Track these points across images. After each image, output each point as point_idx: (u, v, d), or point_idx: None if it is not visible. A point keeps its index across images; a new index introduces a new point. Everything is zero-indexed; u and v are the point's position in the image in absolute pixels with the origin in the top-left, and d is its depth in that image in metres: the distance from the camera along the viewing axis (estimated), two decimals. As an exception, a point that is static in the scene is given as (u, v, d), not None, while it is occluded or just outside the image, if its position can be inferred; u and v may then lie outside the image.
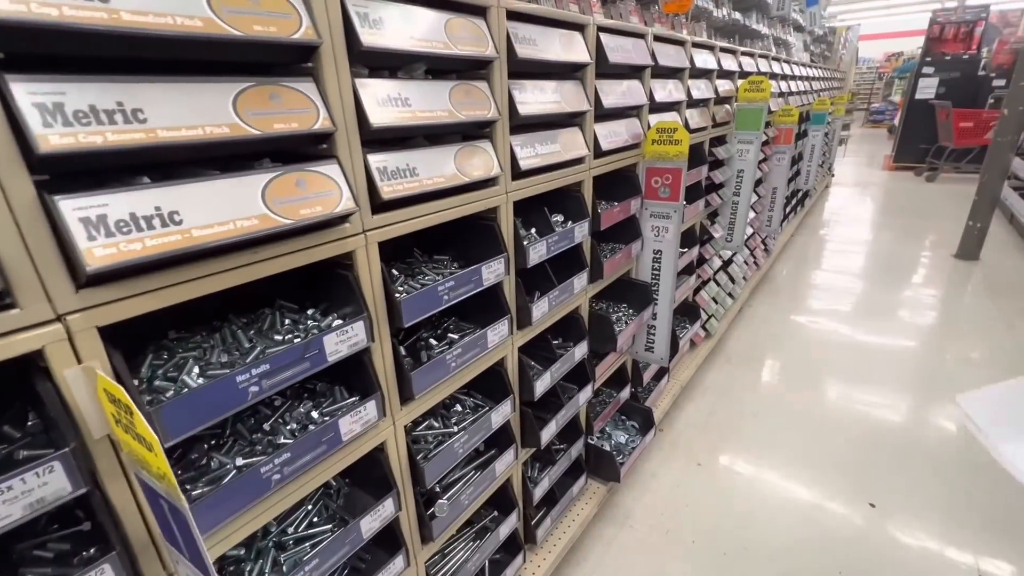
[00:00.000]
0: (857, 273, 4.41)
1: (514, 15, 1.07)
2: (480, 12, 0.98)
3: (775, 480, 2.14)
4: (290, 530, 0.95)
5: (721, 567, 1.76)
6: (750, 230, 3.51)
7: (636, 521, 1.96)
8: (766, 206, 3.63)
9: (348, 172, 0.75)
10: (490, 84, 1.03)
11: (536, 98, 1.19)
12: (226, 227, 0.61)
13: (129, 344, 0.72)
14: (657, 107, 1.82)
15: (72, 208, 0.51)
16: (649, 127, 1.71)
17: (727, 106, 2.56)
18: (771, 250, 4.36)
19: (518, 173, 1.16)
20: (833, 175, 8.11)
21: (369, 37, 0.74)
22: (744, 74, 2.65)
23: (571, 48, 1.26)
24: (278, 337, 0.80)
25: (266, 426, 0.85)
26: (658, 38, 1.74)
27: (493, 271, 1.12)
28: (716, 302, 3.05)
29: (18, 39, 0.51)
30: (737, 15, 3.09)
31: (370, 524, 0.98)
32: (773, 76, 3.40)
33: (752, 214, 3.53)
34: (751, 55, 2.85)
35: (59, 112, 0.49)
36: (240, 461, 0.75)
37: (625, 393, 2.07)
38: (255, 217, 0.63)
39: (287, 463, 0.78)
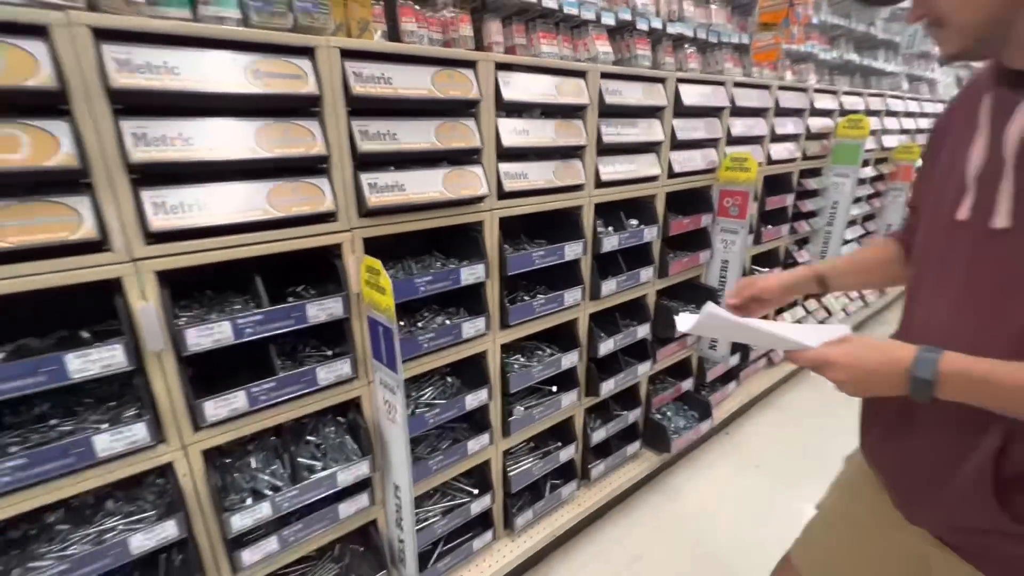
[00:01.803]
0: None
1: (607, 75, 1.57)
2: (582, 75, 1.50)
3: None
4: (425, 394, 1.53)
5: (754, 564, 1.99)
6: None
7: (683, 498, 2.25)
8: (878, 242, 3.59)
9: (488, 171, 1.31)
10: (584, 122, 1.55)
11: (620, 131, 1.67)
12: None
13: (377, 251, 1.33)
14: (736, 140, 2.17)
15: (365, 179, 1.11)
16: (726, 156, 2.06)
17: (824, 141, 2.74)
18: (885, 291, 4.19)
19: (600, 183, 1.65)
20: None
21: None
22: (847, 112, 2.81)
23: (651, 95, 1.72)
24: (438, 264, 1.38)
25: (420, 324, 1.43)
26: (739, 84, 2.09)
27: (573, 250, 1.61)
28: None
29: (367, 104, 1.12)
30: (853, 56, 3.22)
31: (471, 401, 1.50)
32: (893, 114, 3.41)
33: (856, 247, 3.54)
34: (858, 94, 2.98)
35: (365, 135, 1.10)
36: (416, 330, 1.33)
37: (687, 384, 2.38)
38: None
39: (433, 339, 1.34)
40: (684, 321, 0.89)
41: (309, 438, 1.33)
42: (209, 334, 0.99)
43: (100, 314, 1.10)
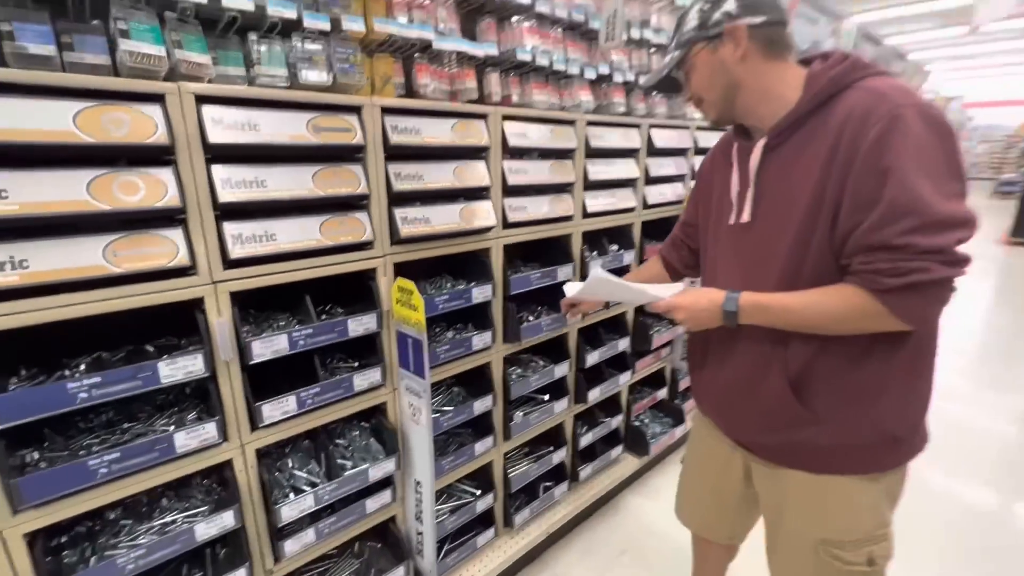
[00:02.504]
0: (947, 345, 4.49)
1: (592, 123, 1.84)
2: (571, 123, 1.77)
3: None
4: (436, 401, 1.71)
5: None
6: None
7: (662, 497, 2.47)
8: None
9: (495, 205, 1.53)
10: (574, 162, 1.81)
11: (603, 169, 1.93)
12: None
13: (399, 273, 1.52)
14: (699, 176, 2.48)
15: (398, 213, 1.32)
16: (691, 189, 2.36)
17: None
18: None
19: (586, 214, 1.90)
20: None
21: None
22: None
23: (628, 139, 2.00)
24: (449, 285, 1.59)
25: (436, 332, 1.62)
26: (700, 128, 2.42)
27: (564, 272, 1.85)
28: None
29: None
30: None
31: (478, 407, 1.69)
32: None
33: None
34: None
35: (398, 176, 1.31)
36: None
37: (662, 392, 2.63)
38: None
39: (448, 350, 1.54)
40: (571, 288, 1.15)
41: (338, 441, 1.49)
42: (270, 345, 1.16)
43: (158, 331, 1.25)
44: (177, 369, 1.04)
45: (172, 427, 1.13)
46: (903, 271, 0.78)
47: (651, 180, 2.19)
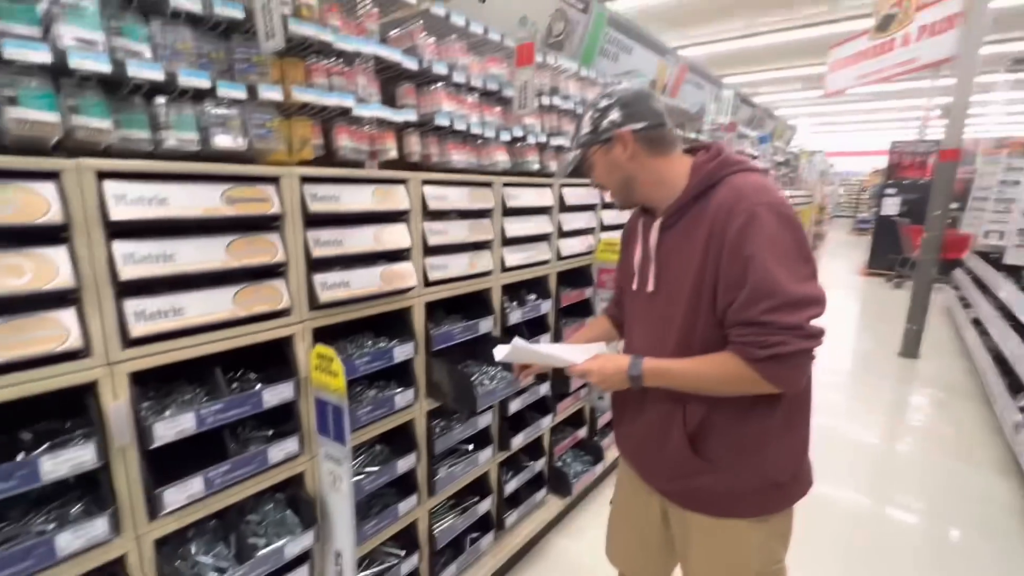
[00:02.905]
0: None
1: (508, 184, 1.96)
2: (488, 185, 1.87)
3: (698, 511, 2.72)
4: (357, 463, 1.66)
5: None
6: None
7: (586, 537, 2.54)
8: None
9: (416, 265, 1.57)
10: (492, 221, 1.90)
11: (520, 226, 2.05)
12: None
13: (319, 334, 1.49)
14: (607, 228, 2.69)
15: (317, 279, 1.32)
16: (599, 241, 2.56)
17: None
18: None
19: (505, 268, 1.99)
20: (807, 277, 8.95)
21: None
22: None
23: (542, 197, 2.15)
24: (370, 348, 1.58)
25: (355, 399, 1.60)
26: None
27: (486, 324, 1.91)
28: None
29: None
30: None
31: (402, 466, 1.68)
32: (721, 200, 4.36)
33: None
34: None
35: (317, 242, 1.32)
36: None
37: (582, 432, 2.75)
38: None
39: (370, 411, 1.52)
40: (499, 352, 1.25)
41: (250, 517, 1.40)
42: (174, 426, 1.10)
43: (42, 414, 1.13)
44: (62, 463, 0.95)
45: (53, 525, 1.02)
46: (767, 344, 0.92)
47: (564, 234, 2.35)
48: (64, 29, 1.06)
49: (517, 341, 1.19)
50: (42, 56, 1.01)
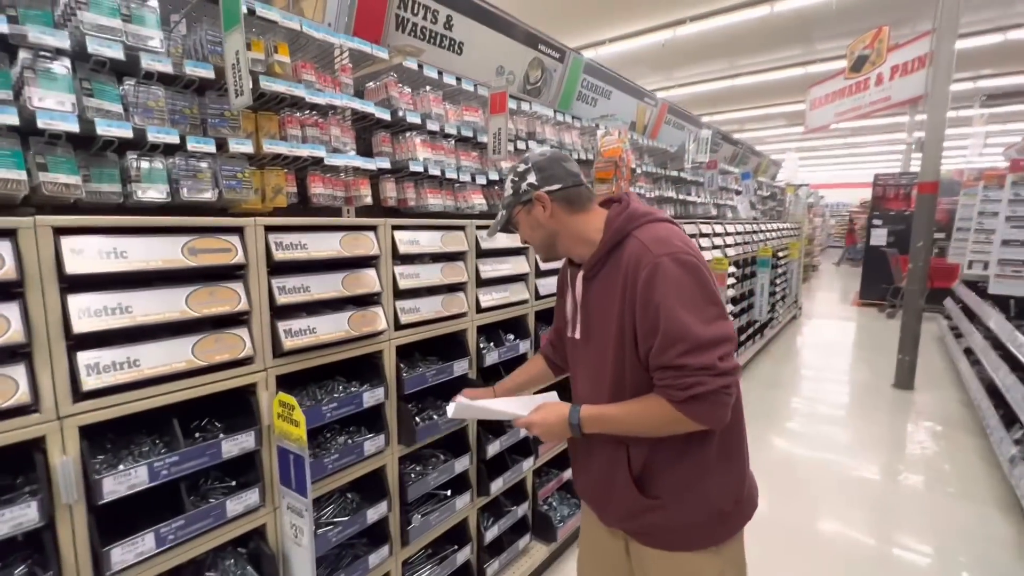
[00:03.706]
0: (805, 395, 5.05)
1: (480, 226, 2.00)
2: (461, 228, 1.90)
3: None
4: (326, 513, 1.62)
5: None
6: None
7: (574, 583, 2.45)
8: (709, 334, 4.43)
9: (387, 309, 1.58)
10: (466, 263, 1.93)
11: (495, 267, 2.07)
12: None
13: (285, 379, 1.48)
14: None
15: (281, 326, 1.32)
16: (580, 279, 2.58)
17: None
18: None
19: (480, 309, 2.00)
20: (800, 308, 8.99)
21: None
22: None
23: (517, 238, 2.18)
24: (339, 394, 1.57)
25: (323, 446, 1.58)
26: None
27: (461, 366, 1.90)
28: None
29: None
30: (671, 192, 4.20)
31: (372, 515, 1.63)
32: (705, 235, 4.42)
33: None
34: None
35: (282, 290, 1.33)
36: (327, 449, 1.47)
37: (567, 473, 2.68)
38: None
39: (337, 459, 1.49)
40: (449, 410, 1.30)
41: (208, 574, 1.35)
42: (126, 480, 1.08)
43: (-8, 469, 1.11)
44: (2, 523, 0.92)
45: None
46: (684, 386, 0.98)
47: (542, 273, 2.37)
48: (34, 92, 1.10)
49: (460, 399, 1.24)
50: (10, 118, 1.05)
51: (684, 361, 0.97)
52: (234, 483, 1.40)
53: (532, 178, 1.16)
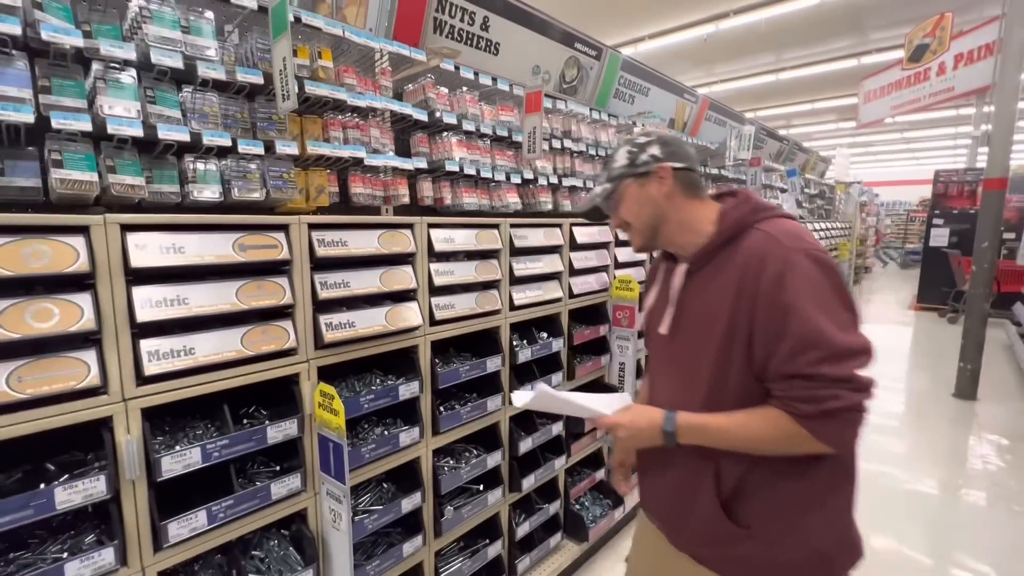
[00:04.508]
0: (850, 403, 4.80)
1: (515, 224, 2.02)
2: (495, 226, 1.93)
3: None
4: (363, 501, 1.68)
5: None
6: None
7: (607, 584, 2.44)
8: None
9: (422, 305, 1.63)
10: (499, 261, 1.95)
11: (528, 266, 2.09)
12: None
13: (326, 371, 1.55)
14: (621, 265, 2.70)
15: (323, 319, 1.38)
16: (615, 278, 2.56)
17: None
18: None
19: (514, 307, 2.02)
20: (851, 311, 8.53)
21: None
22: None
23: (551, 237, 2.19)
24: (376, 386, 1.63)
25: (361, 436, 1.64)
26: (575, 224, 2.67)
27: (494, 363, 1.93)
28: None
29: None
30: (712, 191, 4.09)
31: (406, 505, 1.68)
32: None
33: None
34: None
35: (324, 285, 1.39)
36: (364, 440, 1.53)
37: (600, 473, 2.67)
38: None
39: (374, 449, 1.55)
40: (519, 398, 1.18)
41: (254, 552, 1.43)
42: (182, 460, 1.16)
43: (66, 446, 1.22)
44: (76, 493, 1.01)
45: (66, 554, 1.08)
46: (817, 398, 0.86)
47: (576, 271, 2.37)
48: (105, 100, 1.20)
49: (541, 387, 1.12)
50: (84, 124, 1.15)
51: (818, 370, 0.85)
52: (278, 468, 1.47)
53: (656, 150, 1.05)
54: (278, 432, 1.33)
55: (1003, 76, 4.58)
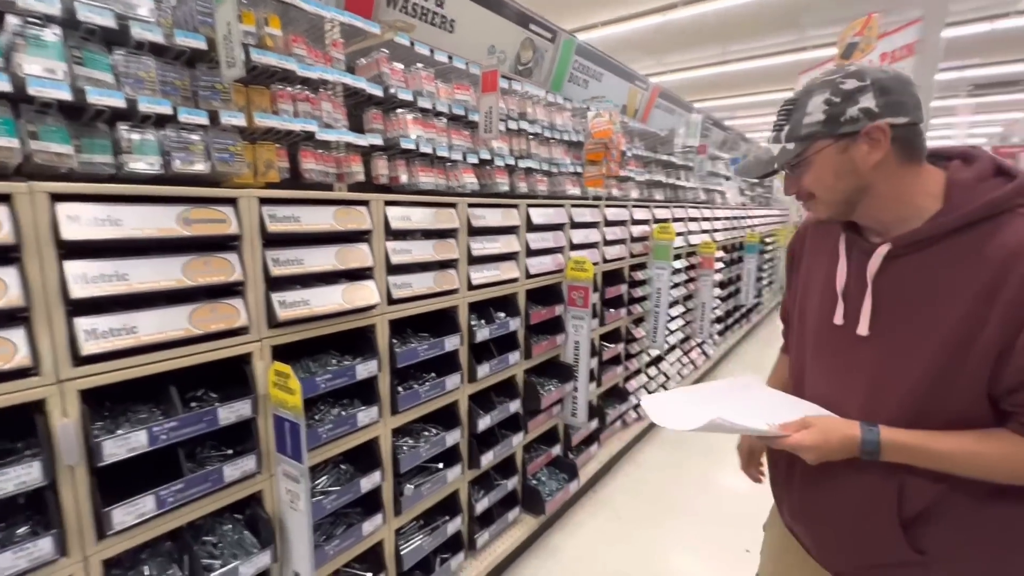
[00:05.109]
0: (785, 377, 5.16)
1: (473, 204, 2.02)
2: (452, 205, 1.93)
3: (681, 531, 2.73)
4: (320, 482, 1.66)
5: (617, 582, 2.31)
6: (679, 335, 4.35)
7: (561, 556, 2.53)
8: (697, 317, 4.51)
9: (379, 284, 1.61)
10: (457, 240, 1.95)
11: (486, 246, 2.10)
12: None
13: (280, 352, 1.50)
14: (577, 246, 2.76)
15: (276, 297, 1.35)
16: (570, 259, 2.62)
17: (645, 243, 3.54)
18: (710, 355, 5.16)
19: (471, 286, 2.03)
20: (787, 294, 9.12)
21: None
22: (659, 220, 3.67)
23: (508, 217, 2.21)
24: (333, 366, 1.60)
25: (317, 416, 1.61)
26: (575, 204, 2.72)
27: (452, 342, 1.94)
28: (647, 391, 3.78)
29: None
30: (660, 176, 4.24)
31: (365, 485, 1.68)
32: (694, 220, 4.47)
33: (682, 323, 4.40)
34: (665, 206, 3.91)
35: (276, 262, 1.35)
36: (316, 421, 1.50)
37: (556, 449, 2.75)
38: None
39: (331, 429, 1.53)
40: (653, 406, 0.99)
41: (206, 538, 1.39)
42: (126, 443, 1.10)
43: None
44: (7, 481, 0.95)
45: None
46: None
47: (533, 252, 2.40)
48: (24, 58, 1.10)
49: (716, 419, 0.86)
50: (1, 85, 1.05)
51: None
52: (231, 452, 1.43)
53: (870, 101, 0.79)
54: (231, 413, 1.29)
55: (922, 74, 4.97)
